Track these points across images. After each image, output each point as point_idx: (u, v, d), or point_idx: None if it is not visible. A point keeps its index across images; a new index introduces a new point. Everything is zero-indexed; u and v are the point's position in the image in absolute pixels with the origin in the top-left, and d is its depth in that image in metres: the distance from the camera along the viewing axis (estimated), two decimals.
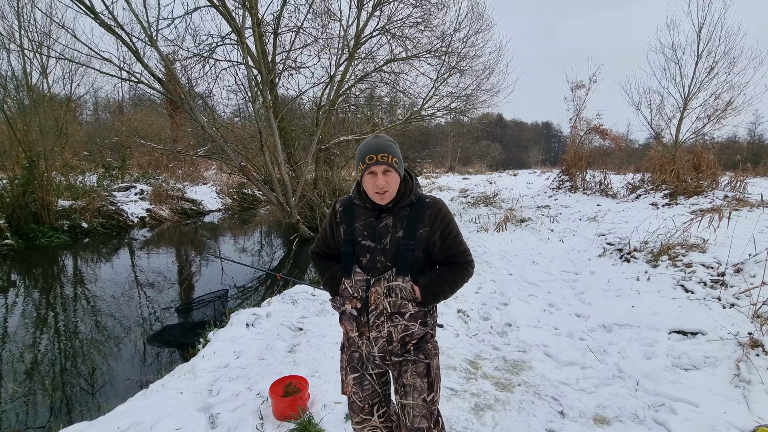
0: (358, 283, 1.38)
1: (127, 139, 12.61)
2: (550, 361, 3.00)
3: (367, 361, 1.46)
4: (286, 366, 2.80)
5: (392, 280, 1.34)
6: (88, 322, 4.52)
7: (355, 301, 1.38)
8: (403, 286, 1.34)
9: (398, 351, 1.40)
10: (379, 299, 1.35)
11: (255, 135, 8.08)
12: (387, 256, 1.35)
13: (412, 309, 1.36)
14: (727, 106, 9.04)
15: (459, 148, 37.61)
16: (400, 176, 1.36)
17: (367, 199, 1.38)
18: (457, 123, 15.25)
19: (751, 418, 2.18)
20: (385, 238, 1.35)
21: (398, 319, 1.36)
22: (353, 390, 1.50)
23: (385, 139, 1.34)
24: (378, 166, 1.29)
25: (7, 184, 8.44)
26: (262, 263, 7.53)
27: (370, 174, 1.31)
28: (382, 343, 1.39)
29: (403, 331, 1.37)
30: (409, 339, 1.39)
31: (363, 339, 1.42)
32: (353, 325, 1.40)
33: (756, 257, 3.80)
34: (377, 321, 1.36)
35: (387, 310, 1.35)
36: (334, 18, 9.02)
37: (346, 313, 1.41)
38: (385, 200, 1.34)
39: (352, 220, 1.42)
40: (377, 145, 1.30)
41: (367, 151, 1.31)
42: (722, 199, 6.98)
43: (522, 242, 6.88)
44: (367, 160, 1.30)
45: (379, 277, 1.35)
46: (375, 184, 1.31)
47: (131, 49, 6.30)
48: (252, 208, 14.38)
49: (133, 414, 2.26)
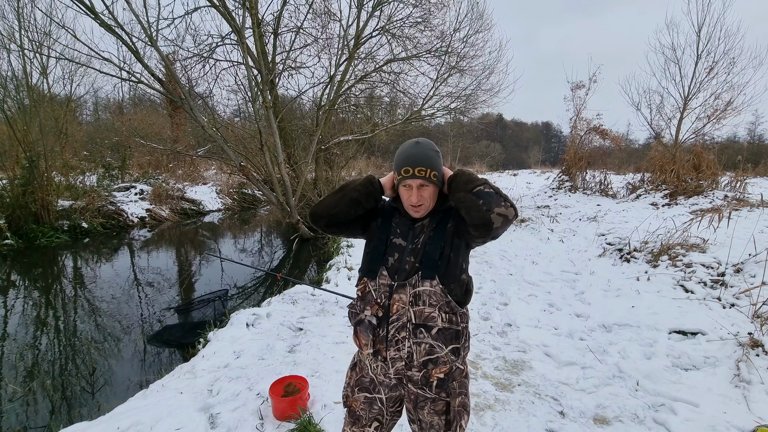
0: (382, 287, 1.20)
1: (127, 139, 12.60)
2: (550, 361, 3.00)
3: (380, 384, 1.29)
4: (286, 366, 2.80)
5: (419, 285, 1.16)
6: (88, 322, 4.52)
7: (377, 307, 1.20)
8: (432, 291, 1.16)
9: (417, 381, 1.20)
10: (403, 309, 1.17)
11: (255, 135, 8.07)
12: (417, 256, 1.20)
13: (441, 322, 1.16)
14: (726, 106, 9.05)
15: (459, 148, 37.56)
16: (440, 186, 1.24)
17: (404, 209, 1.28)
18: (457, 123, 15.28)
19: (751, 418, 2.18)
20: (419, 237, 1.22)
21: (423, 335, 1.16)
22: (362, 407, 1.32)
23: (426, 147, 1.20)
24: (414, 180, 1.18)
25: (7, 184, 8.44)
26: (262, 263, 7.53)
27: (405, 187, 1.21)
28: (399, 365, 1.20)
29: (427, 353, 1.16)
30: (432, 368, 1.18)
31: (378, 360, 1.23)
32: (369, 339, 1.22)
33: (756, 257, 3.80)
34: (398, 335, 1.17)
35: (411, 321, 1.16)
36: (334, 18, 9.02)
37: (364, 322, 1.23)
38: (420, 214, 1.24)
39: (389, 217, 1.30)
40: (415, 157, 1.18)
41: (404, 161, 1.19)
42: (722, 199, 6.98)
43: (522, 242, 6.88)
44: (403, 173, 1.18)
45: (404, 282, 1.18)
46: (409, 198, 1.21)
47: (131, 49, 6.29)
48: (252, 208, 14.39)
49: (133, 414, 2.25)
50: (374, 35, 9.09)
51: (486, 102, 11.43)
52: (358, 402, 1.33)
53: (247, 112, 11.22)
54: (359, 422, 1.34)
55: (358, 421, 1.34)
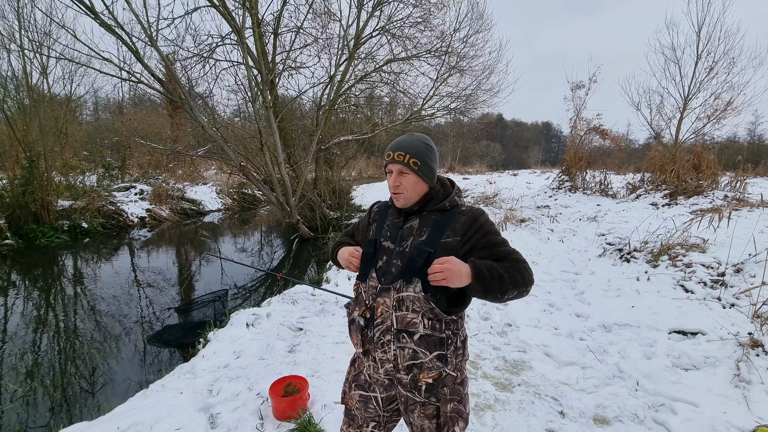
0: (370, 289, 1.23)
1: (127, 139, 12.59)
2: (550, 361, 3.00)
3: (374, 383, 1.30)
4: (286, 366, 2.80)
5: (403, 290, 1.16)
6: (88, 322, 4.52)
7: (364, 308, 1.23)
8: (416, 296, 1.14)
9: (406, 384, 1.20)
10: (387, 312, 1.18)
11: (255, 135, 8.08)
12: (403, 260, 1.19)
13: (423, 329, 1.15)
14: (726, 106, 9.05)
15: (459, 148, 37.65)
16: (425, 180, 1.21)
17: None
18: (457, 123, 15.27)
19: (751, 418, 2.18)
20: (406, 240, 1.20)
21: (405, 340, 1.16)
22: (357, 405, 1.34)
23: (416, 138, 1.22)
24: (393, 165, 1.20)
25: (7, 184, 8.44)
26: (262, 263, 7.53)
27: (389, 173, 1.24)
28: (388, 367, 1.21)
29: (411, 358, 1.16)
30: (419, 373, 1.16)
31: (369, 360, 1.26)
32: (359, 338, 1.26)
33: (756, 257, 3.80)
34: (383, 338, 1.19)
35: (394, 326, 1.17)
36: (334, 18, 9.02)
37: (356, 322, 1.27)
38: (400, 202, 1.23)
39: (383, 221, 1.31)
40: (398, 143, 1.22)
41: (388, 147, 1.23)
42: (722, 199, 6.98)
43: (522, 242, 6.87)
44: (386, 157, 1.23)
45: (388, 286, 1.18)
46: (390, 182, 1.23)
47: (131, 49, 6.30)
48: (252, 208, 14.38)
49: (133, 414, 2.26)
50: (374, 35, 9.10)
51: (486, 102, 11.45)
52: (354, 400, 1.34)
53: (247, 112, 11.23)
54: (354, 422, 1.34)
55: (353, 421, 1.35)
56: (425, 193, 1.23)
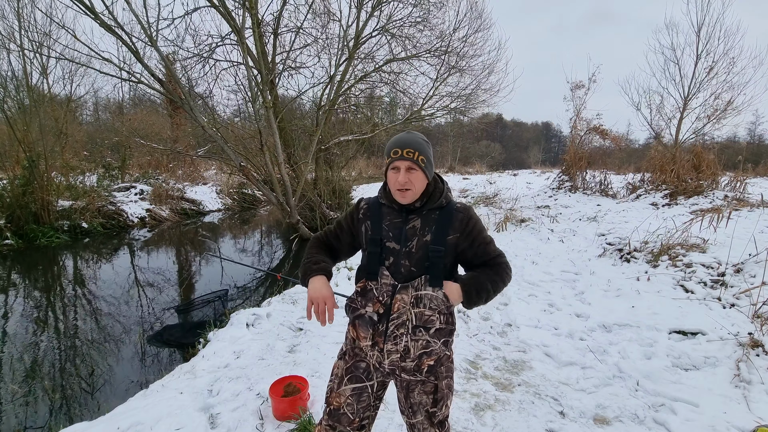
0: (384, 286, 1.26)
1: (127, 139, 12.59)
2: (550, 361, 3.00)
3: (374, 371, 1.33)
4: (286, 366, 2.80)
5: (422, 289, 1.23)
6: (88, 322, 4.52)
7: (379, 305, 1.26)
8: (434, 296, 1.23)
9: (410, 368, 1.28)
10: (405, 308, 1.23)
11: (255, 135, 8.07)
12: (412, 260, 1.25)
13: (439, 324, 1.24)
14: (727, 106, 9.07)
15: (459, 148, 37.61)
16: (428, 177, 1.26)
17: (393, 198, 1.29)
18: (457, 123, 15.26)
19: (751, 418, 2.18)
20: (411, 241, 1.25)
21: (421, 334, 1.23)
22: (347, 401, 1.32)
23: (416, 135, 1.25)
24: (402, 162, 1.21)
25: (7, 184, 8.44)
26: (262, 263, 7.53)
27: (394, 169, 1.23)
28: (394, 357, 1.26)
29: (423, 348, 1.24)
30: (426, 358, 1.26)
31: (375, 350, 1.28)
32: (368, 332, 1.27)
33: (756, 257, 3.80)
34: (396, 332, 1.23)
35: (411, 321, 1.23)
36: (334, 18, 9.02)
37: (365, 317, 1.27)
38: (407, 199, 1.24)
39: (378, 219, 1.31)
40: (404, 140, 1.22)
41: (393, 144, 1.23)
42: (722, 199, 6.99)
43: (522, 242, 6.87)
44: (392, 155, 1.22)
45: (406, 284, 1.24)
46: (397, 180, 1.21)
47: (131, 50, 6.29)
48: (252, 208, 14.38)
49: (133, 414, 2.26)
50: (374, 35, 9.09)
51: (486, 102, 11.45)
52: (343, 397, 1.32)
53: (247, 112, 11.22)
54: (342, 422, 1.31)
55: (339, 422, 1.31)
56: (425, 189, 1.29)
